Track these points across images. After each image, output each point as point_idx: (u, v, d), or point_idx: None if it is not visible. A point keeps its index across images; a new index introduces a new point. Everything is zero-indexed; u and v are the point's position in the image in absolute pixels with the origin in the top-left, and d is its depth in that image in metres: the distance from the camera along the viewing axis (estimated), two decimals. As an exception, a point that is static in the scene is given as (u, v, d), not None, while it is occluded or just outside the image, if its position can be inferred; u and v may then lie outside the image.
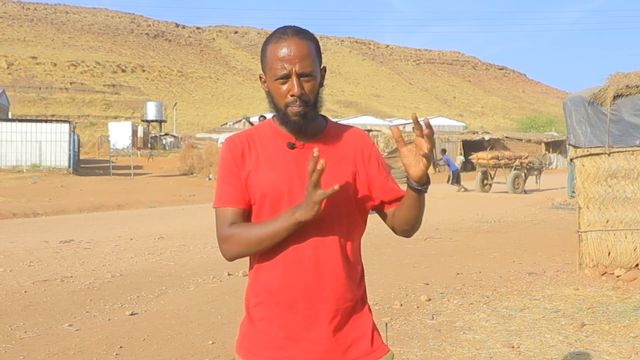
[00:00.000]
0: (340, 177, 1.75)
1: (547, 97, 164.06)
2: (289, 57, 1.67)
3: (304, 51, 1.69)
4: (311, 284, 1.70)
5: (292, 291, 1.70)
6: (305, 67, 1.69)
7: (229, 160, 1.78)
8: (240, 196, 1.75)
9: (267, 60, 1.72)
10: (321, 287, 1.70)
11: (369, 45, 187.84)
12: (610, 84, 6.78)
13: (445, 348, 4.38)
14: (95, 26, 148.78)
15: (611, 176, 6.70)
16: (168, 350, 4.44)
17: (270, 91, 1.74)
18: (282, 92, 1.70)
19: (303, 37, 1.71)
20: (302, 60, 1.68)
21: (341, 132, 1.84)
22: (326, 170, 1.73)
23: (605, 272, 6.71)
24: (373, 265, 7.17)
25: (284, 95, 1.70)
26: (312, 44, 1.73)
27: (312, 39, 1.74)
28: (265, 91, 1.77)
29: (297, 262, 1.69)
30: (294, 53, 1.67)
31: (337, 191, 1.64)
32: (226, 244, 1.72)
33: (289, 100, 1.70)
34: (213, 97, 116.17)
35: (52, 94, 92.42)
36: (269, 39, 1.73)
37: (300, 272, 1.69)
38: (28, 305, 5.73)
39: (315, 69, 1.72)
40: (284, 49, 1.68)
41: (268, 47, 1.72)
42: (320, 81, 1.76)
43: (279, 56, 1.68)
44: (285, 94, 1.70)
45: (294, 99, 1.69)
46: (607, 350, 4.28)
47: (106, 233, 11.03)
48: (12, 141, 27.11)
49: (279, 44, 1.69)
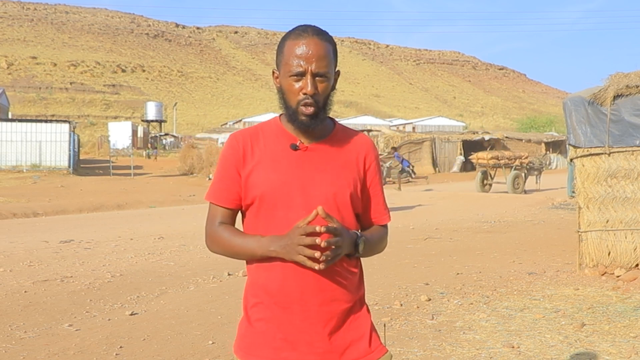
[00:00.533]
0: (340, 182, 1.76)
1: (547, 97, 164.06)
2: (307, 55, 1.67)
3: (322, 51, 1.69)
4: (308, 286, 1.70)
5: (289, 293, 1.71)
6: (321, 68, 1.68)
7: (229, 158, 1.79)
8: (230, 196, 1.78)
9: (284, 56, 1.72)
10: (318, 289, 1.70)
11: (369, 45, 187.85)
12: (610, 84, 6.77)
13: (445, 348, 4.38)
14: (95, 26, 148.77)
15: (611, 176, 6.70)
16: (168, 350, 4.44)
17: (283, 87, 1.74)
18: (294, 90, 1.70)
19: (323, 37, 1.71)
20: (319, 60, 1.68)
21: (347, 137, 1.83)
22: (328, 174, 1.75)
23: (605, 272, 6.71)
24: (373, 265, 7.17)
25: (296, 92, 1.70)
26: (331, 46, 1.73)
27: (331, 41, 1.73)
28: (277, 87, 1.77)
29: (295, 264, 1.69)
30: (312, 52, 1.67)
31: (338, 195, 1.72)
32: (210, 241, 1.80)
33: (301, 98, 1.69)
34: (213, 97, 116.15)
35: (52, 94, 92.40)
36: (288, 35, 1.73)
37: (298, 274, 1.70)
38: (28, 305, 5.73)
39: (330, 71, 1.72)
40: (302, 47, 1.68)
41: (286, 43, 1.72)
42: (333, 84, 1.76)
43: (296, 53, 1.68)
44: (297, 91, 1.70)
45: (306, 97, 1.69)
46: (607, 350, 4.28)
47: (106, 233, 11.03)
48: (12, 141, 27.09)
49: (298, 41, 1.69)
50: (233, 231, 1.77)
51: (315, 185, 1.73)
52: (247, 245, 1.73)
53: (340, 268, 1.73)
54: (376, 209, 1.86)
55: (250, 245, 1.72)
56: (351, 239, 1.70)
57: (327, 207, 1.70)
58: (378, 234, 1.86)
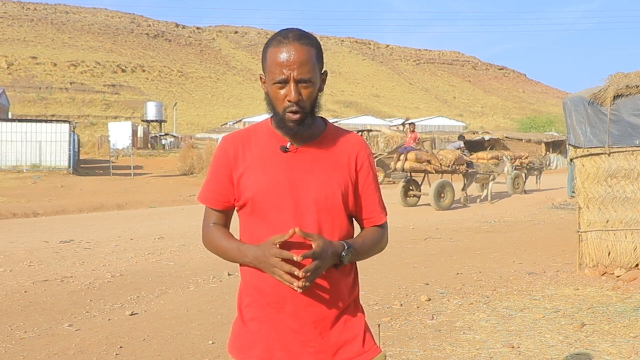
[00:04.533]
0: (331, 183, 1.76)
1: (547, 97, 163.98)
2: (288, 62, 1.66)
3: (303, 57, 1.67)
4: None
5: (281, 293, 1.71)
6: (303, 74, 1.67)
7: (220, 161, 1.81)
8: (220, 198, 1.81)
9: (267, 63, 1.71)
10: (310, 289, 1.70)
11: (369, 45, 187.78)
12: (610, 84, 6.77)
13: (445, 348, 4.38)
14: (95, 26, 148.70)
15: (611, 176, 6.70)
16: (168, 350, 4.44)
17: (269, 94, 1.74)
18: (279, 96, 1.70)
19: (304, 42, 1.69)
20: (301, 66, 1.67)
21: (338, 137, 1.83)
22: (318, 175, 1.75)
23: (605, 272, 6.71)
24: (373, 265, 7.17)
25: (282, 99, 1.70)
26: (314, 49, 1.71)
27: (313, 44, 1.71)
28: (265, 92, 1.77)
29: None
30: (294, 58, 1.66)
31: (328, 197, 1.73)
32: (204, 239, 1.86)
33: (286, 105, 1.69)
34: (213, 97, 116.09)
35: (52, 94, 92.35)
36: (270, 42, 1.72)
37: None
38: (28, 305, 5.73)
39: (314, 76, 1.70)
40: (283, 54, 1.67)
41: (268, 50, 1.71)
42: (320, 86, 1.75)
43: (278, 60, 1.67)
44: (282, 98, 1.70)
45: (291, 104, 1.68)
46: (607, 350, 4.28)
47: (106, 233, 11.03)
48: (12, 141, 27.08)
49: (279, 48, 1.68)
50: (222, 234, 1.81)
51: (306, 187, 1.73)
52: (229, 251, 1.78)
53: (334, 269, 1.74)
54: (371, 208, 1.85)
55: (232, 252, 1.77)
56: (335, 251, 1.69)
57: (318, 209, 1.72)
58: (372, 237, 1.84)
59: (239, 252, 1.74)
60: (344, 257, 1.70)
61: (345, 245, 1.72)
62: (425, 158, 15.23)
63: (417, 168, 15.29)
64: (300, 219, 1.71)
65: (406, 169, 15.23)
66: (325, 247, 1.65)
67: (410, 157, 15.04)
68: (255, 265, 1.70)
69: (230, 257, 1.78)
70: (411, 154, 15.08)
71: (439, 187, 15.19)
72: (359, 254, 1.78)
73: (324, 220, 1.73)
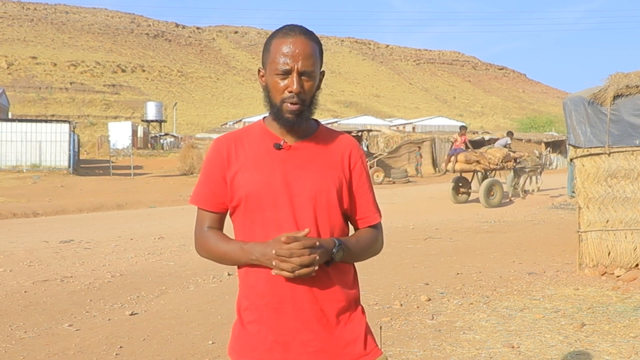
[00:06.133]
0: (326, 180, 1.76)
1: (547, 97, 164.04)
2: (293, 53, 1.69)
3: (308, 50, 1.70)
4: (299, 286, 1.70)
5: (280, 293, 1.71)
6: (307, 66, 1.70)
7: (213, 162, 1.80)
8: (215, 200, 1.80)
9: (270, 54, 1.73)
10: (309, 289, 1.70)
11: (369, 45, 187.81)
12: (610, 84, 6.77)
13: (445, 348, 4.38)
14: (95, 26, 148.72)
15: (611, 176, 6.70)
16: (168, 350, 4.44)
17: (268, 85, 1.75)
18: (279, 88, 1.71)
19: (309, 37, 1.73)
20: (306, 59, 1.70)
21: (331, 137, 1.84)
22: (313, 172, 1.76)
23: (605, 272, 6.71)
24: (373, 265, 7.17)
25: (281, 90, 1.71)
26: (317, 46, 1.75)
27: (317, 41, 1.76)
28: (262, 86, 1.78)
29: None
30: (299, 50, 1.69)
31: (324, 194, 1.72)
32: (198, 246, 1.83)
33: (286, 96, 1.71)
34: (213, 97, 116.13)
35: (52, 94, 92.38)
36: (275, 34, 1.75)
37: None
38: (28, 305, 5.73)
39: (316, 70, 1.73)
40: (289, 45, 1.69)
41: (273, 41, 1.73)
42: (318, 84, 1.78)
43: (283, 51, 1.70)
44: (282, 89, 1.71)
45: (291, 95, 1.70)
46: (607, 350, 4.28)
47: (106, 233, 11.03)
48: (12, 141, 27.09)
49: (285, 40, 1.71)
50: (219, 237, 1.79)
51: (300, 184, 1.74)
52: (231, 252, 1.75)
53: (332, 267, 1.74)
54: (366, 208, 1.85)
55: (234, 253, 1.74)
56: (326, 249, 1.68)
57: (314, 205, 1.72)
58: (366, 237, 1.83)
59: (242, 252, 1.72)
60: (334, 253, 1.70)
61: (336, 242, 1.71)
62: (474, 158, 16.02)
63: (467, 169, 16.22)
64: (296, 215, 1.71)
65: (457, 170, 16.24)
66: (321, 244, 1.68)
67: (460, 158, 15.97)
68: (261, 262, 1.69)
69: (231, 258, 1.76)
70: (461, 155, 16.03)
71: (489, 185, 15.85)
72: (352, 252, 1.76)
73: (320, 217, 1.73)
